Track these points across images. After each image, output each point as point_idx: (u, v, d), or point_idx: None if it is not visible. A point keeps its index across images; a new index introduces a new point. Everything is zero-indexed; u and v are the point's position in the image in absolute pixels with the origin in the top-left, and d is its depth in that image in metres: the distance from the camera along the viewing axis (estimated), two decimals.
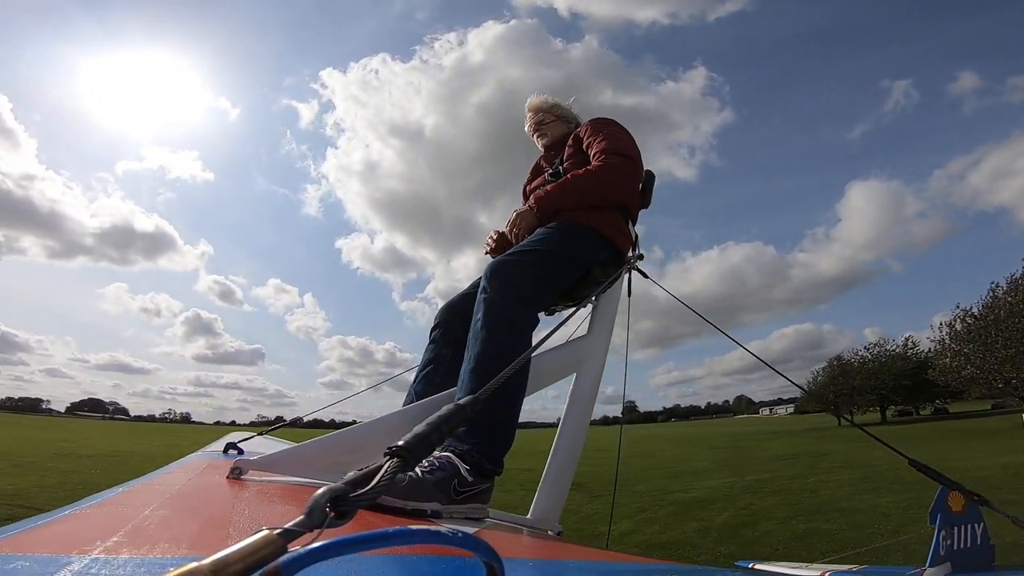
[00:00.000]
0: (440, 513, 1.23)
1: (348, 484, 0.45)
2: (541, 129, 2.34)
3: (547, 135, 2.32)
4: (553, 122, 2.33)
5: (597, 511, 7.48)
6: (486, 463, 1.38)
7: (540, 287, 1.70)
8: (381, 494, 0.48)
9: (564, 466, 1.81)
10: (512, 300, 1.59)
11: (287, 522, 0.38)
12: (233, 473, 1.28)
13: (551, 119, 2.34)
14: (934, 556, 1.83)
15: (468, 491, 1.32)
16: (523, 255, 1.71)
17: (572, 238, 1.82)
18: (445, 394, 1.58)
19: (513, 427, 1.52)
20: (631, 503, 8.44)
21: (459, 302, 1.92)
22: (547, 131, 2.32)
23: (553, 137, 2.30)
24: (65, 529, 0.71)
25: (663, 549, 5.44)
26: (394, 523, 0.95)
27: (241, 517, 0.80)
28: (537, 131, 2.36)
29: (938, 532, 1.90)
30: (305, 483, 1.33)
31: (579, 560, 0.98)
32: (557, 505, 1.77)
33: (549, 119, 2.34)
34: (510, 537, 1.24)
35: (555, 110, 2.36)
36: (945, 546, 1.81)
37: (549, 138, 2.31)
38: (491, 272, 1.64)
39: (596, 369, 1.90)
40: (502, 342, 1.51)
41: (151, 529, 0.69)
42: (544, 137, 2.33)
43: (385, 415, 1.56)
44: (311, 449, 1.45)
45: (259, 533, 0.34)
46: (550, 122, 2.33)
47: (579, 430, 1.85)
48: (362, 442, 1.47)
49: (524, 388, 1.58)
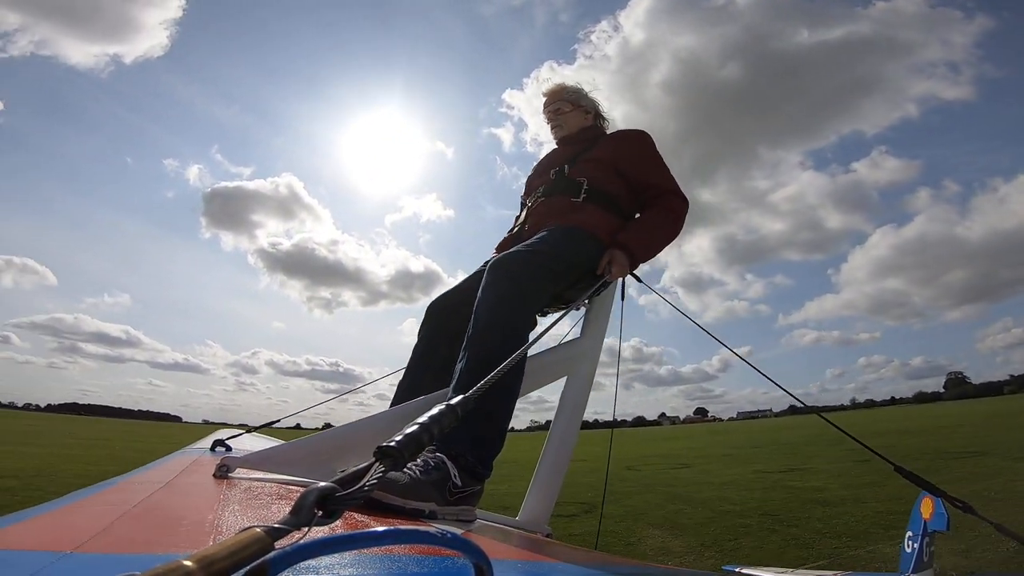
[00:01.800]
0: (436, 514, 1.22)
1: (336, 483, 0.45)
2: (557, 120, 2.22)
3: (563, 126, 2.21)
4: (571, 112, 2.21)
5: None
6: (478, 466, 1.37)
7: (541, 289, 1.68)
8: (369, 494, 0.47)
9: (554, 468, 1.81)
10: (515, 301, 1.56)
11: (274, 520, 0.37)
12: (220, 471, 1.26)
13: (569, 108, 2.21)
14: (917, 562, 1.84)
15: (461, 493, 1.31)
16: (530, 255, 1.67)
17: (577, 242, 1.80)
18: (437, 394, 1.57)
19: (505, 430, 1.49)
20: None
21: (449, 298, 1.89)
22: (563, 121, 2.21)
23: (570, 129, 2.20)
24: (48, 524, 0.70)
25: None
26: (383, 523, 0.94)
27: (227, 515, 0.79)
28: (553, 121, 2.24)
29: (921, 538, 1.92)
30: (294, 481, 1.32)
31: (567, 562, 0.98)
32: (547, 507, 1.76)
33: (567, 108, 2.22)
34: (499, 538, 1.23)
35: (573, 97, 2.23)
36: (928, 552, 1.83)
37: (565, 130, 2.20)
38: (496, 270, 1.60)
39: (588, 372, 1.90)
40: (502, 343, 1.46)
41: (135, 526, 0.68)
42: (561, 129, 2.21)
43: (375, 414, 1.55)
44: (300, 447, 1.44)
45: (246, 531, 0.34)
46: (568, 111, 2.21)
47: (569, 432, 1.85)
48: (352, 441, 1.46)
49: (518, 390, 1.56)
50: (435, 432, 0.63)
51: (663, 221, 1.93)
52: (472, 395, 0.76)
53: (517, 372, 1.53)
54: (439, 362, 1.76)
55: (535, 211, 2.01)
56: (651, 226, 1.91)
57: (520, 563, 0.85)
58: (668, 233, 1.93)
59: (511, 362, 1.03)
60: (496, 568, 0.40)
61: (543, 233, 1.82)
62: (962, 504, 1.50)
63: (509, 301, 1.55)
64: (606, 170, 1.97)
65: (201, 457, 1.75)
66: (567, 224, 1.85)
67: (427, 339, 1.86)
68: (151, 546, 0.58)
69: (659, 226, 1.92)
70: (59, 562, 0.47)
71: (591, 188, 1.93)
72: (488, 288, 1.57)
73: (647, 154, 2.04)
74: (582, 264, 1.82)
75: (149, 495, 0.96)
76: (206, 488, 1.12)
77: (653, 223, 1.92)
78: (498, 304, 1.54)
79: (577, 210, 1.90)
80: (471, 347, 1.51)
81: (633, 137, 2.08)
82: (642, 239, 1.88)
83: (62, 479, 7.97)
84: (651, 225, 1.91)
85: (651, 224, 1.92)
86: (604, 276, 1.82)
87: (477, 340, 1.51)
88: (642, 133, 2.09)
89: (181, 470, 1.43)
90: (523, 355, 1.19)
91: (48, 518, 0.73)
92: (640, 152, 2.04)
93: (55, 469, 9.46)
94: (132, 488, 1.08)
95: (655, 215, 1.94)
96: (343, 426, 1.52)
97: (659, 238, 1.91)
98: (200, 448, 2.15)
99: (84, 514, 0.79)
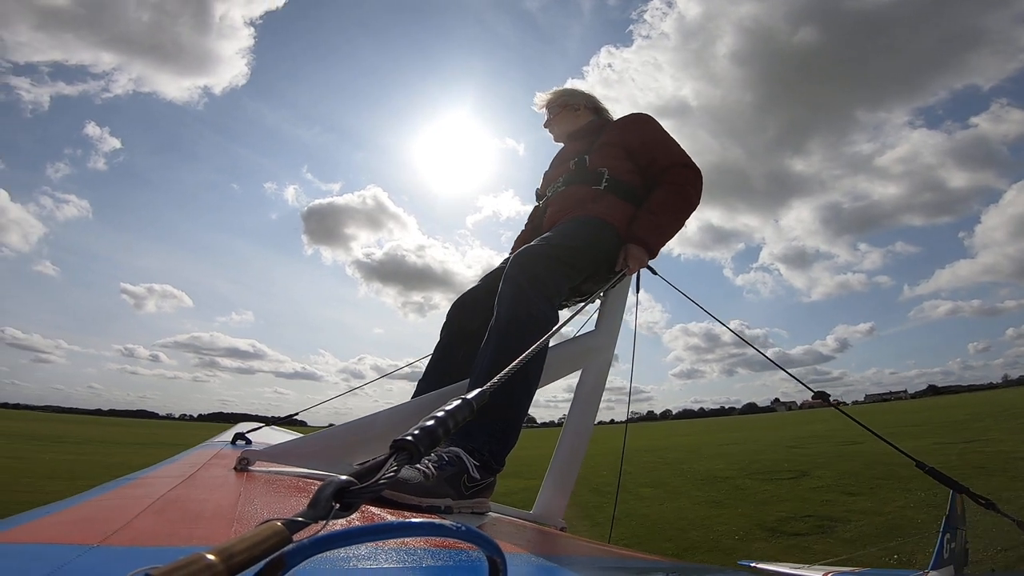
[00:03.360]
0: (452, 509, 1.24)
1: (353, 476, 0.45)
2: (549, 126, 2.31)
3: (561, 127, 2.27)
4: (559, 115, 2.28)
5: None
6: (493, 462, 1.38)
7: (562, 283, 1.68)
8: (386, 487, 0.48)
9: (569, 462, 1.81)
10: (537, 295, 1.56)
11: (292, 513, 0.38)
12: (240, 464, 1.28)
13: (557, 110, 2.28)
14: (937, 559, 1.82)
15: (476, 486, 1.32)
16: (549, 248, 1.68)
17: (595, 233, 1.81)
18: (454, 387, 1.58)
19: (521, 424, 1.50)
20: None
21: (470, 296, 1.90)
22: (559, 122, 2.27)
23: (568, 127, 2.25)
24: (74, 518, 0.72)
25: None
26: (399, 515, 0.95)
27: (247, 508, 0.80)
28: (552, 129, 2.31)
29: (942, 535, 1.90)
30: (311, 475, 1.34)
31: (581, 555, 0.98)
32: (561, 500, 1.77)
33: (555, 111, 2.28)
34: (513, 531, 1.24)
35: (560, 100, 2.29)
36: (948, 549, 1.81)
37: (566, 129, 2.26)
38: (515, 265, 1.61)
39: (603, 365, 1.89)
40: (520, 338, 1.45)
41: (158, 519, 0.69)
42: (560, 131, 2.28)
43: (392, 407, 1.56)
44: (317, 440, 1.46)
45: (265, 524, 0.34)
46: (559, 114, 2.27)
47: (584, 426, 1.85)
48: (368, 434, 1.48)
49: (536, 385, 1.56)
50: (450, 426, 0.64)
51: (672, 200, 1.91)
52: (488, 389, 0.76)
53: (534, 367, 1.53)
54: (456, 364, 1.78)
55: (555, 202, 2.03)
56: (662, 210, 1.89)
57: (534, 556, 0.86)
58: (679, 211, 1.91)
59: (526, 357, 1.03)
60: (510, 561, 0.40)
61: (561, 226, 1.82)
62: (985, 501, 1.48)
63: (528, 296, 1.55)
64: (618, 155, 1.98)
65: (222, 451, 1.78)
66: (586, 215, 1.85)
67: (446, 340, 1.88)
68: (173, 539, 0.59)
69: (669, 207, 1.90)
70: (86, 555, 0.48)
71: (611, 177, 1.94)
72: (507, 283, 1.58)
73: (651, 132, 2.04)
74: (600, 256, 1.82)
75: (171, 489, 0.98)
76: (226, 481, 1.14)
77: (662, 205, 1.90)
78: (517, 299, 1.54)
79: (597, 199, 1.91)
80: (490, 342, 1.51)
81: (636, 119, 2.10)
82: (655, 227, 1.87)
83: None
84: (660, 208, 1.89)
85: (660, 207, 1.90)
86: (621, 271, 1.82)
87: (496, 335, 1.51)
88: (644, 115, 2.11)
89: (202, 464, 1.46)
90: (539, 349, 1.18)
91: (74, 512, 0.75)
92: (644, 132, 2.04)
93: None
94: (155, 482, 1.10)
95: (663, 195, 1.92)
96: (359, 419, 1.53)
97: (671, 220, 1.90)
98: (221, 442, 2.19)
99: (109, 508, 0.81)
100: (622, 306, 1.99)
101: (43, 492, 6.92)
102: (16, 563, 0.48)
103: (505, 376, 0.88)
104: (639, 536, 5.94)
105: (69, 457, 14.14)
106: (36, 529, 0.63)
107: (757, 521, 6.16)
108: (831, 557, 4.07)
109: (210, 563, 0.29)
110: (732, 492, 8.47)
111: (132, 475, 1.24)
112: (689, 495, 8.52)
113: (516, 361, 0.96)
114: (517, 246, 2.16)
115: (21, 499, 6.31)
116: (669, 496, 8.52)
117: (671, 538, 5.75)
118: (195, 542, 0.58)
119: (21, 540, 0.55)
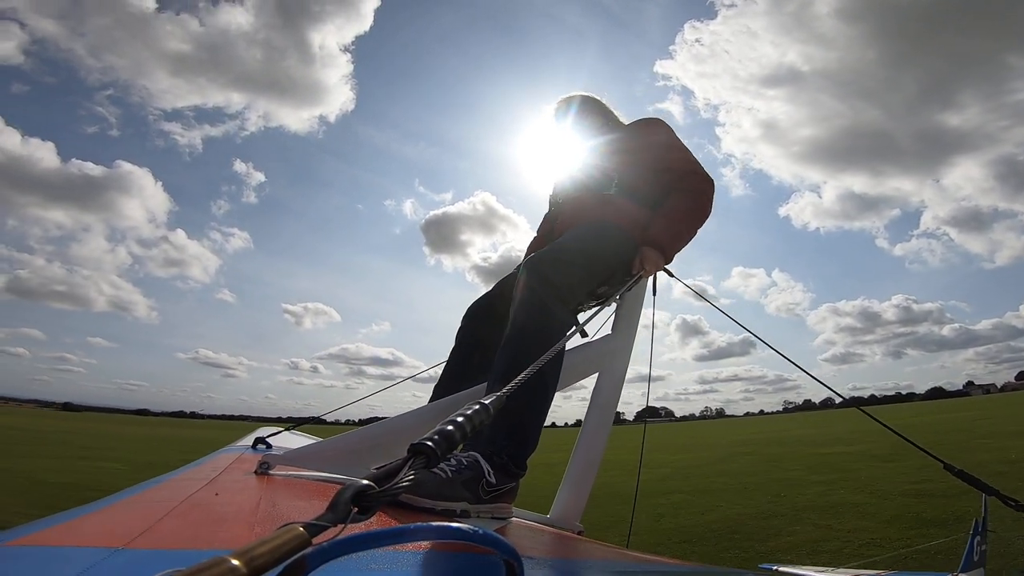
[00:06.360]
0: (468, 512, 1.24)
1: (372, 480, 0.46)
2: (560, 131, 2.28)
3: (565, 135, 2.26)
4: (570, 120, 2.24)
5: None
6: (512, 465, 1.38)
7: (578, 287, 1.68)
8: (404, 491, 0.48)
9: (586, 465, 1.80)
10: (553, 300, 1.55)
11: (312, 517, 0.38)
12: (260, 468, 1.30)
13: (568, 115, 2.25)
14: (967, 561, 1.78)
15: (495, 491, 1.32)
16: (563, 253, 1.67)
17: (609, 237, 1.80)
18: (471, 390, 1.58)
19: (540, 427, 1.49)
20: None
21: (484, 302, 1.91)
22: (564, 130, 2.26)
23: (573, 135, 2.24)
24: (99, 521, 0.74)
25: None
26: (417, 519, 0.96)
27: (267, 511, 0.81)
28: (558, 131, 2.29)
29: (972, 537, 1.86)
30: (331, 478, 1.35)
31: (599, 559, 0.98)
32: (579, 504, 1.76)
33: (566, 116, 2.26)
34: (531, 535, 1.24)
35: (570, 105, 2.26)
36: (979, 551, 1.77)
37: (569, 136, 2.25)
38: (532, 269, 1.60)
39: (620, 369, 1.88)
40: (536, 343, 1.42)
41: (181, 522, 0.71)
42: (565, 137, 2.27)
43: (410, 411, 1.57)
44: (337, 445, 1.47)
45: (285, 527, 0.35)
46: (566, 120, 2.25)
47: (602, 429, 1.84)
48: (387, 438, 1.49)
49: (554, 389, 1.55)
50: (468, 430, 0.64)
51: (690, 206, 1.90)
52: (505, 393, 0.76)
53: (552, 371, 1.52)
54: (471, 370, 1.78)
55: (566, 208, 2.03)
56: (678, 215, 1.88)
57: (551, 560, 0.86)
58: (696, 218, 1.90)
59: (542, 361, 1.03)
60: (527, 565, 0.41)
61: (575, 230, 1.82)
62: (1015, 503, 1.45)
63: (543, 300, 1.54)
64: (630, 160, 1.98)
65: (243, 455, 1.80)
66: (598, 219, 1.85)
67: (460, 346, 1.89)
68: (196, 542, 0.60)
69: (686, 213, 1.89)
70: (111, 558, 0.49)
71: (621, 181, 1.94)
72: (523, 289, 1.57)
73: (664, 138, 2.03)
74: (615, 260, 1.81)
75: (194, 492, 0.99)
76: (247, 485, 1.15)
77: (680, 211, 1.89)
78: (532, 305, 1.54)
79: (608, 203, 1.91)
80: (506, 347, 1.51)
81: (648, 125, 2.09)
82: (671, 231, 1.86)
83: None
84: (678, 214, 1.88)
85: (678, 213, 1.88)
86: (638, 273, 1.81)
87: (513, 340, 1.51)
88: (656, 119, 2.10)
89: (224, 468, 1.48)
90: (555, 353, 1.18)
91: (99, 515, 0.77)
92: (657, 138, 2.03)
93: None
94: (178, 486, 1.12)
95: (680, 201, 1.90)
96: (378, 423, 1.54)
97: (687, 227, 1.89)
98: (242, 446, 2.22)
99: (133, 511, 0.83)
100: (639, 309, 1.98)
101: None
102: (46, 565, 0.50)
103: (522, 380, 0.88)
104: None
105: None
106: (65, 532, 0.64)
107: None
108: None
109: (232, 566, 0.30)
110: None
111: (157, 478, 1.26)
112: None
113: (533, 365, 0.96)
114: (530, 251, 2.16)
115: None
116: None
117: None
118: (217, 545, 0.59)
119: (51, 543, 0.57)
